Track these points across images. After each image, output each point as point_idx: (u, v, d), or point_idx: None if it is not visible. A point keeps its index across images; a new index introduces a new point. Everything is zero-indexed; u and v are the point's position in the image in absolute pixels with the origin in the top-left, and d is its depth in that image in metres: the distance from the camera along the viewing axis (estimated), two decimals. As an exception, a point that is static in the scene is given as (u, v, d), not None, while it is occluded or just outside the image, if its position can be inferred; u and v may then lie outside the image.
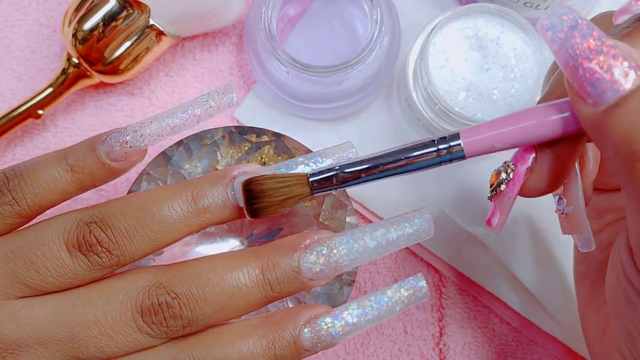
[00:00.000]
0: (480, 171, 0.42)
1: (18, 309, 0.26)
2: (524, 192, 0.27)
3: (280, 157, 0.34)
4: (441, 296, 0.42)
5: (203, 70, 0.44)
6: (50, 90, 0.40)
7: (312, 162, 0.30)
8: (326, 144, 0.33)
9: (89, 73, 0.40)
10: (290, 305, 0.34)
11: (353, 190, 0.41)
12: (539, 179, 0.26)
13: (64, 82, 0.40)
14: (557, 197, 0.29)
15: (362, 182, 0.27)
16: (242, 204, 0.28)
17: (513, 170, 0.26)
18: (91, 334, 0.26)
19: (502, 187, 0.27)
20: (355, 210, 0.42)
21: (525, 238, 0.41)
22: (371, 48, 0.38)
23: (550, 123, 0.25)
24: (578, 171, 0.28)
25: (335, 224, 0.34)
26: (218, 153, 0.34)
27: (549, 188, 0.26)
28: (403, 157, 0.26)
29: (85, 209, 0.28)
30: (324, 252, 0.28)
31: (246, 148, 0.35)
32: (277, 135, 0.35)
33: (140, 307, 0.26)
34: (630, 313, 0.25)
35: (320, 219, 0.34)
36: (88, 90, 0.43)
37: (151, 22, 0.39)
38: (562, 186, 0.28)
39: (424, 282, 0.29)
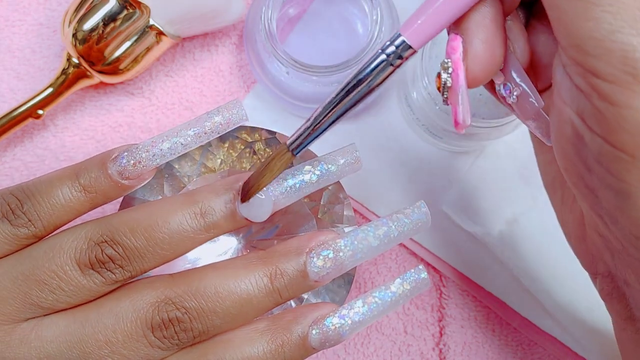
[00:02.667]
0: (481, 171, 0.42)
1: (28, 332, 0.26)
2: (472, 80, 0.26)
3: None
4: (441, 296, 0.42)
5: (203, 70, 0.44)
6: (50, 90, 0.40)
7: (318, 170, 0.30)
8: (326, 143, 0.33)
9: (89, 73, 0.40)
10: (293, 303, 0.34)
11: (353, 190, 0.41)
12: (476, 57, 0.26)
13: (64, 82, 0.40)
14: (501, 85, 0.28)
15: (335, 120, 0.27)
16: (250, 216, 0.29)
17: (449, 64, 0.26)
18: (103, 353, 0.26)
19: (449, 83, 0.27)
20: (355, 210, 0.42)
21: (525, 238, 0.41)
22: (371, 48, 0.38)
23: None
24: (511, 54, 0.27)
25: (333, 218, 0.34)
26: (212, 153, 0.34)
27: (492, 64, 0.26)
28: (358, 80, 0.27)
29: (93, 225, 0.28)
30: (330, 255, 0.28)
31: (240, 147, 0.34)
32: (271, 133, 0.35)
33: (151, 324, 0.27)
34: (583, 176, 0.24)
35: (318, 215, 0.34)
36: (88, 90, 0.43)
37: (151, 22, 0.39)
38: (502, 76, 0.28)
39: (425, 273, 0.29)
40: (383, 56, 0.26)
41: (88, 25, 0.39)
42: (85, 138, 0.43)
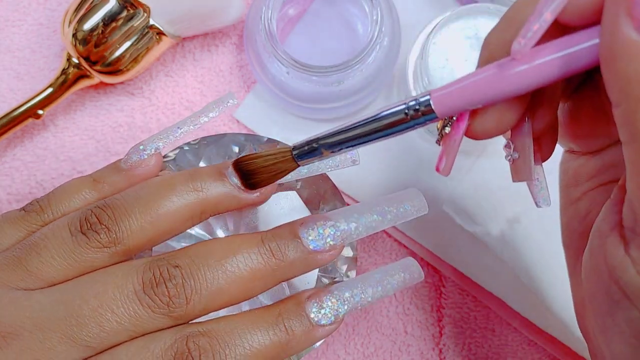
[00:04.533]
0: (481, 171, 0.42)
1: (20, 295, 0.26)
2: (469, 134, 0.26)
3: None
4: (441, 296, 0.42)
5: (203, 70, 0.44)
6: (50, 90, 0.40)
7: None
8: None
9: (89, 73, 0.40)
10: None
11: (352, 190, 0.41)
12: (484, 120, 0.25)
13: (64, 82, 0.40)
14: (506, 142, 0.28)
15: (342, 150, 0.27)
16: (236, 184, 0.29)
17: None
18: (90, 307, 0.25)
19: (447, 129, 0.26)
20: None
21: (525, 237, 0.41)
22: (371, 48, 0.38)
23: (535, 69, 0.23)
24: (527, 117, 0.26)
25: None
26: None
27: (495, 130, 0.25)
28: (377, 122, 0.26)
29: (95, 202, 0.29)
30: (319, 220, 0.28)
31: None
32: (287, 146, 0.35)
33: (142, 279, 0.26)
34: (613, 314, 0.24)
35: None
36: (88, 90, 0.43)
37: (151, 22, 0.39)
38: (510, 130, 0.27)
39: (414, 259, 0.30)
40: (403, 106, 0.25)
41: (88, 25, 0.39)
42: (85, 138, 0.43)
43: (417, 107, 0.25)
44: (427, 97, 0.25)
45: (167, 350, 0.25)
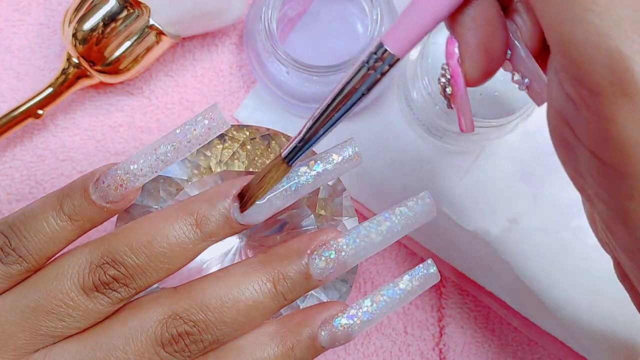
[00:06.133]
0: (481, 171, 0.42)
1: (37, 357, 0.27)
2: (472, 83, 0.25)
3: (269, 149, 0.34)
4: (441, 296, 0.42)
5: (203, 70, 0.44)
6: (50, 90, 0.40)
7: (314, 170, 0.29)
8: (325, 143, 0.33)
9: (89, 73, 0.40)
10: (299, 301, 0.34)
11: (352, 190, 0.41)
12: (472, 63, 0.25)
13: (64, 82, 0.40)
14: (512, 74, 0.27)
15: (326, 131, 0.27)
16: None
17: (448, 69, 0.26)
18: None
19: (449, 90, 0.26)
20: (356, 210, 0.42)
21: (525, 238, 0.41)
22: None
23: None
24: (517, 42, 0.26)
25: (332, 211, 0.34)
26: (205, 154, 0.34)
27: (490, 67, 0.25)
28: (346, 91, 0.26)
29: (92, 247, 0.28)
30: (332, 256, 0.28)
31: (234, 146, 0.34)
32: (265, 130, 0.35)
33: (161, 340, 0.27)
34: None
35: (317, 209, 0.34)
36: (88, 90, 0.43)
37: (151, 22, 0.39)
38: (510, 63, 0.27)
39: (435, 267, 0.29)
40: (365, 67, 0.26)
41: (88, 25, 0.39)
42: (85, 138, 0.43)
43: (375, 56, 0.25)
44: (380, 45, 0.25)
45: None
